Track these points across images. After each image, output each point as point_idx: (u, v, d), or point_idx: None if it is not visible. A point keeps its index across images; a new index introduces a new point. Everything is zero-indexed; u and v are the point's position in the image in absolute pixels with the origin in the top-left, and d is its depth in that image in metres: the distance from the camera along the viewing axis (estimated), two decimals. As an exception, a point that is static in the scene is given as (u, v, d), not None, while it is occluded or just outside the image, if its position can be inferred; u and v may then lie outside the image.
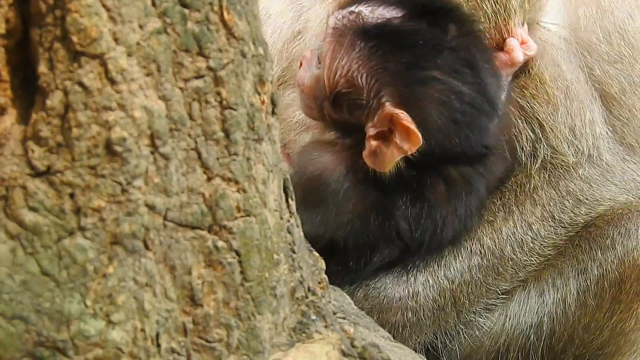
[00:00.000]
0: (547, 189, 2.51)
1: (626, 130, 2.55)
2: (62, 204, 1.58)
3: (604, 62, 2.52)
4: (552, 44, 2.50)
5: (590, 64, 2.53)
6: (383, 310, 2.41)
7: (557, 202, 2.50)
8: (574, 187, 2.51)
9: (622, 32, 2.53)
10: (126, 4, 1.58)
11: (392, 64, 2.29)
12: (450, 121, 2.30)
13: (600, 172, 2.53)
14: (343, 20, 2.36)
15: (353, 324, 1.92)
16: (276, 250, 1.78)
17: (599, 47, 2.52)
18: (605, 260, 2.45)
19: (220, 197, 1.70)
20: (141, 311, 1.64)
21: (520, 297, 2.51)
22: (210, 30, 1.66)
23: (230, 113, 1.69)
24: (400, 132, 2.23)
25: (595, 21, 2.52)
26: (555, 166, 2.51)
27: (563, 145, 2.49)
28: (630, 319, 2.48)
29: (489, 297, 2.49)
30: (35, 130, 1.58)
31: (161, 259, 1.66)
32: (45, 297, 1.57)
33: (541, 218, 2.50)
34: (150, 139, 1.62)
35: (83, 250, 1.59)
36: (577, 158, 2.51)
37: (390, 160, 2.27)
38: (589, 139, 2.51)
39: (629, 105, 2.54)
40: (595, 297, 2.46)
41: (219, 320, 1.71)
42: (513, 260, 2.48)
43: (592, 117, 2.51)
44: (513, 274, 2.49)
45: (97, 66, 1.58)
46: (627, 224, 2.46)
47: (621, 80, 2.53)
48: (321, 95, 2.38)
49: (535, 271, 2.50)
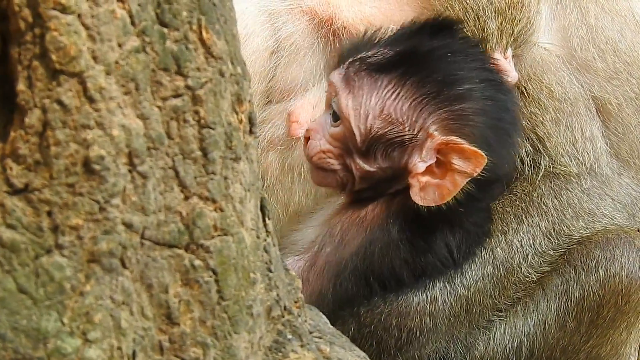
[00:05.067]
0: (552, 198, 2.51)
1: (622, 145, 2.57)
2: (39, 222, 1.57)
3: (601, 79, 2.55)
4: (551, 63, 2.52)
5: (589, 80, 2.54)
6: (402, 314, 2.40)
7: (559, 213, 2.51)
8: (574, 198, 2.52)
9: (615, 49, 2.55)
10: (105, 23, 1.59)
11: (426, 88, 2.24)
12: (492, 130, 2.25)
13: (599, 185, 2.54)
14: (349, 71, 2.30)
15: (329, 343, 1.92)
16: (253, 269, 1.78)
17: (595, 64, 2.54)
18: (587, 282, 2.46)
19: (197, 215, 1.70)
20: (118, 329, 1.63)
21: (509, 317, 2.52)
22: (189, 49, 1.67)
23: (208, 132, 1.70)
24: (460, 157, 2.18)
25: (589, 40, 2.54)
26: (558, 175, 2.52)
27: (564, 158, 2.50)
28: (606, 344, 2.49)
29: (493, 312, 2.49)
30: (13, 148, 1.58)
31: (138, 277, 1.65)
32: (22, 314, 1.57)
33: (545, 232, 2.50)
34: (128, 158, 1.62)
35: (60, 268, 1.58)
36: (578, 169, 2.52)
37: (454, 189, 2.21)
38: (590, 153, 2.52)
39: (625, 120, 2.56)
40: (574, 319, 2.47)
41: (196, 339, 1.71)
42: (517, 274, 2.49)
43: (592, 132, 2.53)
44: (514, 290, 2.50)
45: (75, 84, 1.58)
46: (614, 250, 2.47)
47: (617, 95, 2.55)
48: (348, 151, 2.31)
49: (529, 290, 2.50)
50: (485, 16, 2.47)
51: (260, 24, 2.61)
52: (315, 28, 2.57)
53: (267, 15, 2.62)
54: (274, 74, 2.59)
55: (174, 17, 1.65)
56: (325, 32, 2.56)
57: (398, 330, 2.39)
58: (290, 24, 2.59)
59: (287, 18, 2.59)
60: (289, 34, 2.58)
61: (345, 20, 2.54)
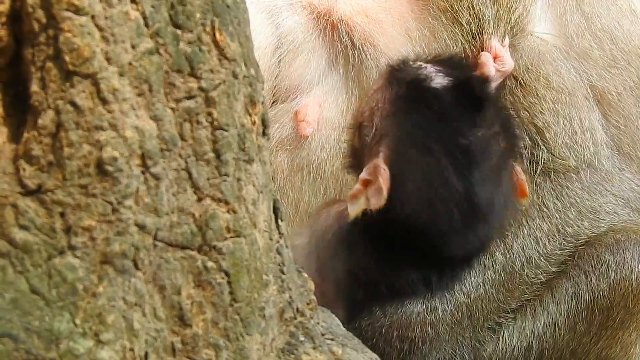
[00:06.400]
0: (553, 199, 2.50)
1: (623, 137, 2.55)
2: (52, 223, 1.58)
3: (599, 68, 2.53)
4: (548, 52, 2.51)
5: (586, 69, 2.53)
6: (402, 326, 2.40)
7: (562, 213, 2.50)
8: (576, 197, 2.51)
9: (612, 38, 2.53)
10: (119, 24, 1.59)
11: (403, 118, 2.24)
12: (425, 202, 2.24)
13: (599, 180, 2.53)
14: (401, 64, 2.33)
15: (341, 345, 1.92)
16: (265, 271, 1.78)
17: (593, 52, 2.52)
18: (598, 286, 2.45)
19: (210, 217, 1.70)
20: (130, 331, 1.63)
21: (517, 320, 2.51)
22: (202, 51, 1.67)
23: (221, 134, 1.70)
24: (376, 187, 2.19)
25: (585, 29, 2.52)
26: (558, 172, 2.50)
27: (563, 150, 2.49)
28: (615, 345, 2.49)
29: (499, 314, 2.49)
30: (26, 149, 1.58)
31: (150, 278, 1.66)
32: (34, 315, 1.57)
33: (548, 233, 2.49)
34: (141, 159, 1.62)
35: (73, 269, 1.58)
36: (577, 163, 2.50)
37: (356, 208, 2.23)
38: (590, 146, 2.51)
39: (625, 111, 2.54)
40: (584, 321, 2.46)
41: (208, 341, 1.71)
42: (521, 277, 2.48)
43: (591, 124, 2.51)
44: (521, 292, 2.49)
45: (89, 86, 1.58)
46: (624, 253, 2.46)
47: (617, 84, 2.53)
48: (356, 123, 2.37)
49: (539, 291, 2.49)
50: (480, 4, 2.45)
51: (261, 20, 2.60)
52: (314, 22, 2.55)
53: (267, 12, 2.61)
54: (278, 71, 2.59)
55: (187, 19, 1.66)
56: (324, 25, 2.55)
57: (400, 342, 2.38)
58: (290, 19, 2.58)
59: (287, 14, 2.59)
60: (289, 30, 2.57)
61: (342, 13, 2.53)
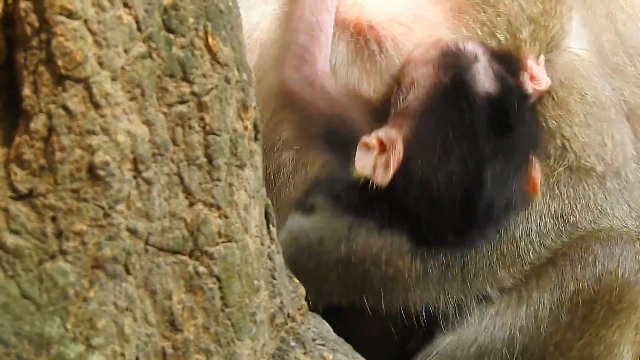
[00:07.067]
0: (568, 186, 2.51)
1: None
2: (44, 227, 1.57)
3: (632, 85, 2.55)
4: (583, 67, 2.52)
5: (620, 85, 2.55)
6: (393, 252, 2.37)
7: (571, 201, 2.51)
8: (590, 192, 2.51)
9: None
10: (111, 28, 1.59)
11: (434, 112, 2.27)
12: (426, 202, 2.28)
13: (620, 188, 2.54)
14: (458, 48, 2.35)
15: (332, 350, 1.93)
16: (257, 276, 1.78)
17: (626, 69, 2.55)
18: (583, 276, 2.46)
19: (202, 222, 1.70)
20: (121, 336, 1.63)
21: (501, 304, 2.50)
22: (195, 55, 1.67)
23: (214, 138, 1.70)
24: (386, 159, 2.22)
25: (618, 46, 2.54)
26: (580, 169, 2.51)
27: (591, 158, 2.51)
28: (599, 344, 2.49)
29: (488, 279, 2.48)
30: (18, 153, 1.58)
31: (142, 283, 1.65)
32: (25, 320, 1.57)
33: (552, 214, 2.50)
34: (133, 164, 1.62)
35: (64, 274, 1.58)
36: (604, 169, 2.51)
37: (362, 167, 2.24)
38: (619, 158, 2.52)
39: None
40: (568, 313, 2.46)
41: (199, 346, 1.71)
42: (516, 247, 2.48)
43: (622, 138, 2.53)
44: (512, 261, 2.49)
45: (81, 90, 1.58)
46: (614, 247, 2.47)
47: None
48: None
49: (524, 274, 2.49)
50: (517, 22, 2.47)
51: None
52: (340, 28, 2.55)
53: None
54: None
55: (180, 24, 1.66)
56: (351, 32, 2.54)
57: (386, 266, 2.37)
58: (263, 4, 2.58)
59: None
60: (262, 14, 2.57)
61: (371, 19, 2.53)
